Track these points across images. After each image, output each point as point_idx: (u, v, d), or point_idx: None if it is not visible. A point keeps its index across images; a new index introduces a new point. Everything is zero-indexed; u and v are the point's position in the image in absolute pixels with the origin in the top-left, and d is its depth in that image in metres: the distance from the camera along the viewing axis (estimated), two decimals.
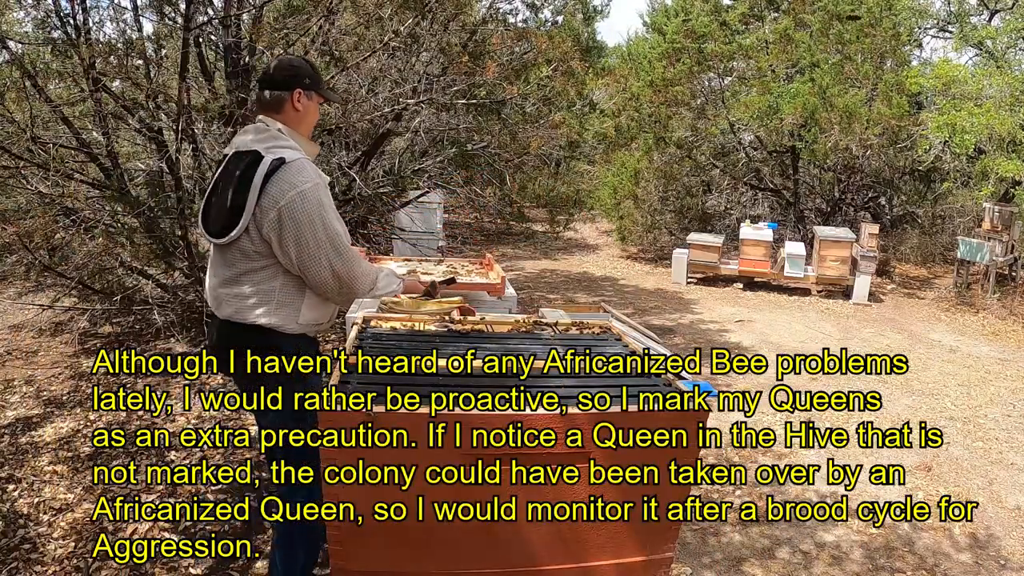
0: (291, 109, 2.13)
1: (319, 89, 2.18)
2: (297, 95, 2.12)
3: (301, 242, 1.97)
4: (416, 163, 6.37)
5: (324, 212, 1.99)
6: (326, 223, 1.99)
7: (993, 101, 7.51)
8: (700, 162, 10.65)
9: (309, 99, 2.15)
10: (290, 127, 2.12)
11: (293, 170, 1.98)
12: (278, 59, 2.22)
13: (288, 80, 2.12)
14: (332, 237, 2.00)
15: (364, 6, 4.50)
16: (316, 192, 1.98)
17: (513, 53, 5.68)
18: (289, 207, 1.94)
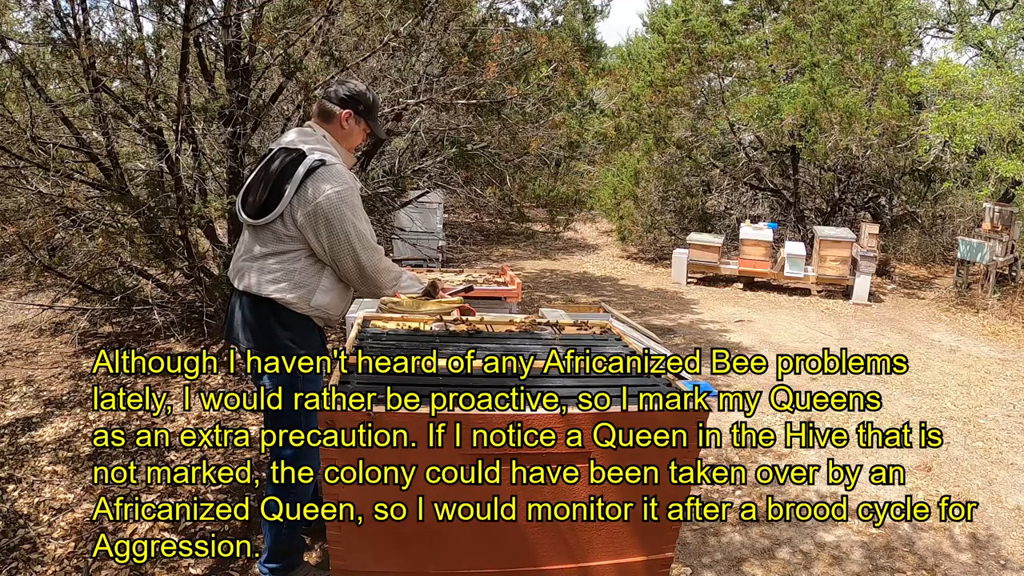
0: (338, 124, 2.39)
1: (368, 120, 2.44)
2: (347, 115, 2.38)
3: (332, 236, 2.22)
4: (416, 163, 6.37)
5: (354, 212, 2.25)
6: (355, 222, 2.24)
7: (993, 101, 7.51)
8: (700, 162, 10.65)
9: (357, 123, 2.41)
10: (333, 137, 2.38)
11: (331, 173, 2.23)
12: (348, 81, 2.48)
13: (344, 100, 2.39)
14: (359, 234, 2.25)
15: (364, 6, 4.50)
16: (349, 194, 2.24)
17: (513, 53, 5.67)
18: (325, 205, 2.19)
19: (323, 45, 4.43)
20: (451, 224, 11.94)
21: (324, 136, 2.36)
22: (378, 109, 2.49)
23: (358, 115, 2.40)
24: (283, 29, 4.25)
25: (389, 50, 4.74)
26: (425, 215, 8.25)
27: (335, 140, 2.39)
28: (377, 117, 2.49)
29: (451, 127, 6.03)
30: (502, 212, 9.79)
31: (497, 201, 8.80)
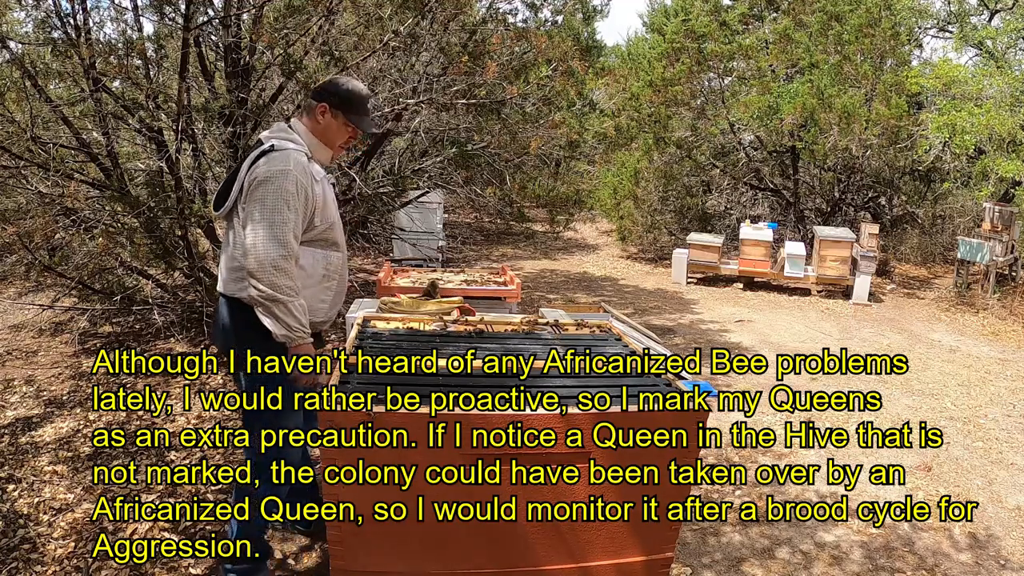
0: (315, 118, 2.33)
1: (347, 114, 2.33)
2: (321, 108, 2.31)
3: (250, 203, 2.13)
4: (416, 163, 6.37)
5: (281, 195, 2.12)
6: (276, 203, 2.11)
7: (993, 101, 7.51)
8: (700, 162, 10.66)
9: (334, 117, 2.32)
10: (311, 132, 2.33)
11: (277, 156, 2.16)
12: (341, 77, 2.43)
13: (319, 93, 2.34)
14: (275, 221, 2.11)
15: (364, 6, 4.50)
16: (282, 179, 2.12)
17: (513, 53, 5.67)
18: (259, 176, 2.13)
19: (323, 45, 4.43)
20: (451, 224, 11.94)
21: (291, 126, 2.32)
22: (360, 103, 2.35)
23: (334, 108, 2.31)
24: (283, 29, 4.25)
25: (389, 50, 4.74)
26: (425, 215, 8.25)
27: (312, 134, 2.33)
28: (360, 112, 2.36)
29: (451, 127, 6.03)
30: (502, 212, 9.78)
31: (497, 201, 8.80)
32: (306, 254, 2.27)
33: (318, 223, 2.28)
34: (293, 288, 2.14)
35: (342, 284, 2.44)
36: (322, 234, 2.30)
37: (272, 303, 2.12)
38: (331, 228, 2.35)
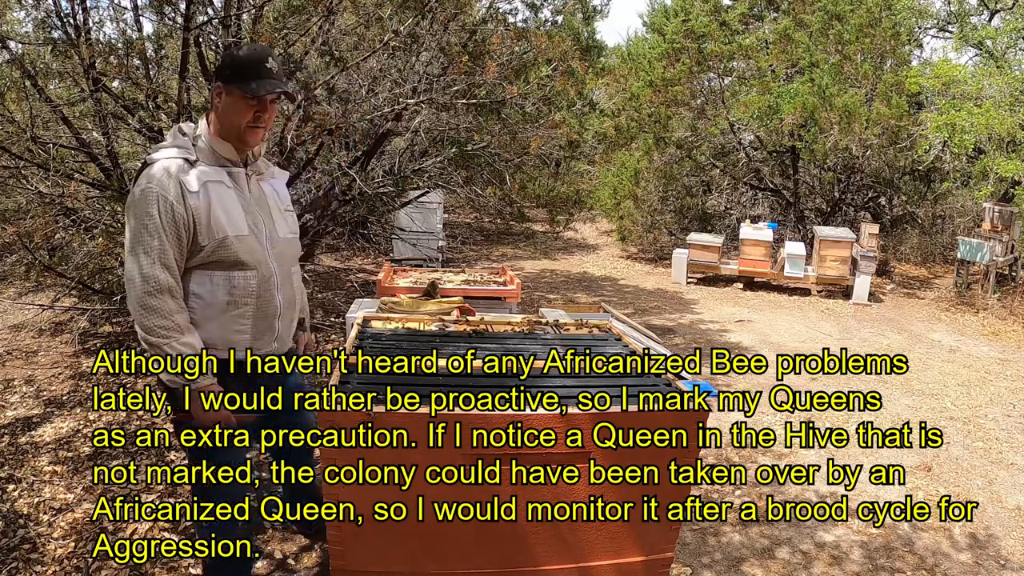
0: (215, 105, 2.01)
1: (239, 84, 1.94)
2: (217, 89, 2.00)
3: (127, 231, 1.94)
4: (416, 163, 6.37)
5: (141, 223, 1.87)
6: (138, 236, 1.88)
7: (993, 101, 7.51)
8: (700, 162, 10.66)
9: (229, 94, 1.97)
10: (211, 126, 2.02)
11: (143, 174, 1.94)
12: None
13: (215, 73, 2.01)
14: (137, 253, 1.88)
15: (364, 6, 4.50)
16: (143, 201, 1.88)
17: (513, 53, 5.67)
18: (126, 208, 1.96)
19: (323, 45, 4.43)
20: (451, 224, 11.94)
21: (181, 129, 2.03)
22: (251, 66, 1.95)
23: (227, 84, 1.95)
24: (283, 29, 4.25)
25: (389, 50, 4.73)
26: (425, 215, 8.25)
27: (214, 125, 2.01)
28: (253, 76, 1.94)
29: (451, 127, 6.02)
30: (502, 212, 9.79)
31: (497, 201, 8.80)
32: (200, 280, 1.98)
33: (204, 242, 1.94)
34: (168, 328, 1.91)
35: (266, 307, 2.09)
36: (215, 254, 1.97)
37: (148, 347, 1.93)
38: (226, 245, 1.97)
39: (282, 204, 2.23)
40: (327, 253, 8.90)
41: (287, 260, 2.18)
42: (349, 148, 5.65)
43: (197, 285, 1.99)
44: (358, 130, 5.18)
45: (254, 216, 2.07)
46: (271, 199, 2.18)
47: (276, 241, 2.13)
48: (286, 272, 2.16)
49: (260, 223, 2.08)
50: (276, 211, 2.17)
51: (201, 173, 1.95)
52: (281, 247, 2.15)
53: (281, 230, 2.17)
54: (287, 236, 2.20)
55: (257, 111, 1.98)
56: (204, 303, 1.99)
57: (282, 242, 2.16)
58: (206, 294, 1.99)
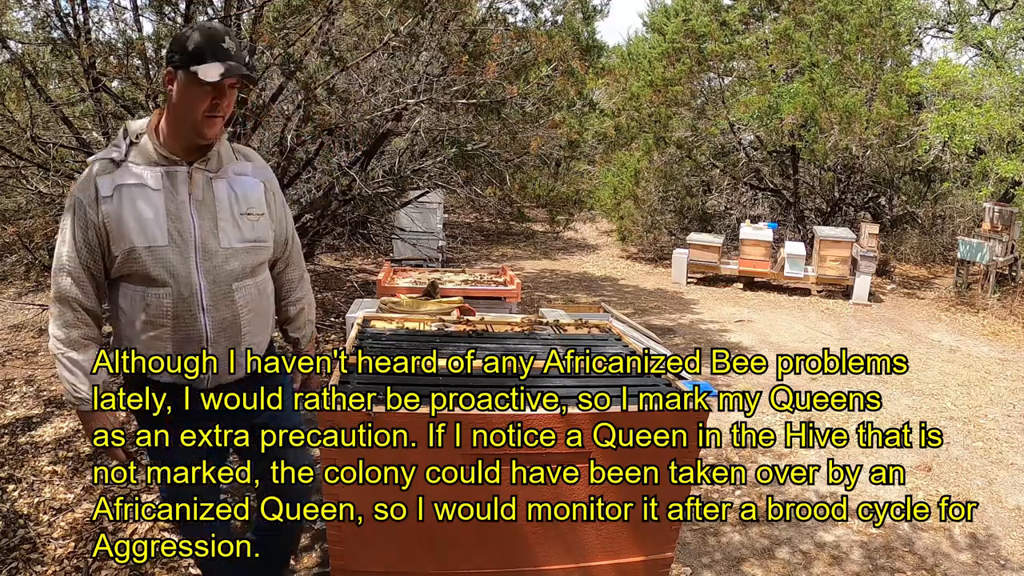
0: (168, 93, 1.77)
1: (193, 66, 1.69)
2: (167, 76, 1.76)
3: None
4: (416, 163, 6.37)
5: (62, 222, 1.79)
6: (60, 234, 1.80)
7: (993, 101, 7.51)
8: (700, 162, 10.66)
9: (181, 81, 1.72)
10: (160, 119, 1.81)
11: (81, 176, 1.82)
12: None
13: (165, 57, 1.76)
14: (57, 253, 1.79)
15: (364, 6, 4.50)
16: (68, 200, 1.79)
17: (513, 53, 5.67)
18: None
19: (323, 45, 4.43)
20: (451, 224, 11.94)
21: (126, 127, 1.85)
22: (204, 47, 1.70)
23: (178, 69, 1.71)
24: (283, 29, 4.25)
25: (389, 50, 4.73)
26: (425, 215, 8.25)
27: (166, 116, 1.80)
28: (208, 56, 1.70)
29: (451, 127, 6.02)
30: (502, 212, 9.79)
31: (497, 201, 8.80)
32: (124, 293, 1.82)
33: (115, 252, 1.75)
34: (60, 340, 1.81)
35: (186, 331, 1.86)
36: (125, 267, 1.77)
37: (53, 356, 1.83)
38: (133, 258, 1.75)
39: (240, 207, 1.89)
40: (327, 253, 8.90)
41: (228, 275, 1.85)
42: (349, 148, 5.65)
43: (122, 298, 1.83)
44: (358, 130, 5.18)
45: (182, 224, 1.79)
46: (223, 203, 1.86)
47: (212, 253, 1.82)
48: (223, 290, 1.85)
49: (189, 232, 1.80)
50: (226, 217, 1.86)
51: (121, 175, 1.76)
52: (219, 260, 1.83)
53: (226, 239, 1.85)
54: (235, 246, 1.86)
55: (214, 98, 1.73)
56: (127, 319, 1.85)
57: (222, 254, 1.84)
58: (128, 309, 1.83)
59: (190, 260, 1.80)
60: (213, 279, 1.83)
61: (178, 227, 1.79)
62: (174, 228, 1.78)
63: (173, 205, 1.78)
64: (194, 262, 1.80)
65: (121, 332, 1.90)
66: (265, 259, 1.97)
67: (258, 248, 1.92)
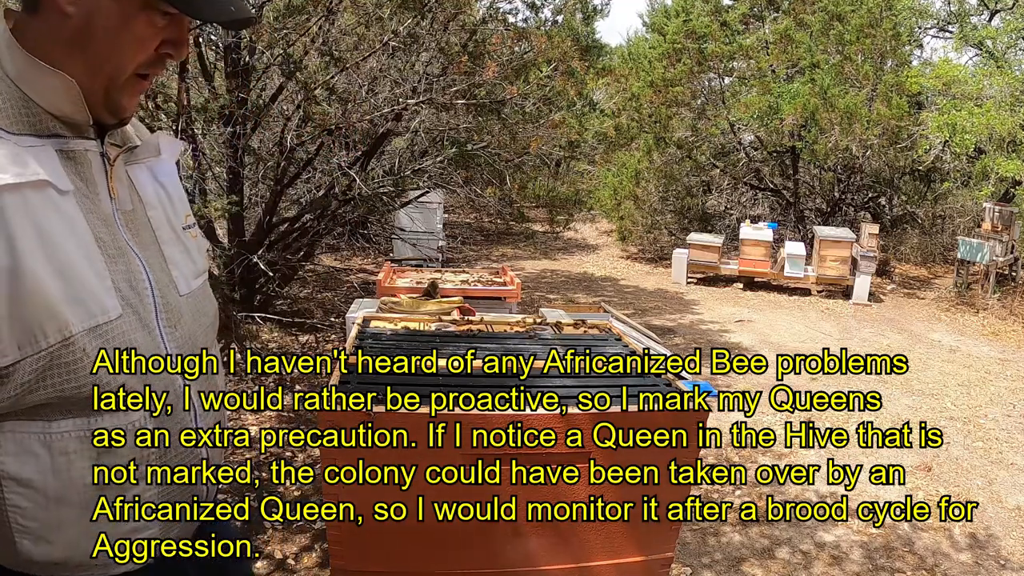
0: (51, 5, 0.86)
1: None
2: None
3: None
4: (416, 163, 6.37)
5: None
6: None
7: (993, 101, 7.51)
8: (700, 162, 10.66)
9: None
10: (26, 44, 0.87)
11: None
12: None
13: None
14: None
15: (364, 6, 4.50)
16: None
17: (513, 53, 5.68)
18: None
19: (323, 45, 4.43)
20: (451, 224, 11.94)
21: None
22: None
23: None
24: (283, 29, 4.25)
25: (389, 50, 4.74)
26: (425, 215, 8.26)
27: (24, 53, 0.87)
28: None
29: (451, 127, 6.03)
30: (502, 212, 9.79)
31: (497, 201, 8.80)
32: (22, 445, 0.90)
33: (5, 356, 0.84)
34: None
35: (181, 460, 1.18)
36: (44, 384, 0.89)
37: None
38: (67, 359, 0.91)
39: (178, 217, 1.10)
40: (327, 253, 8.91)
41: (199, 339, 1.13)
42: (349, 148, 5.65)
43: (10, 459, 0.89)
44: (358, 130, 5.19)
45: (128, 265, 0.97)
46: (156, 208, 1.06)
47: (175, 312, 1.05)
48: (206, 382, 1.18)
49: (141, 280, 0.99)
50: (167, 235, 1.06)
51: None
52: (187, 324, 1.08)
53: (182, 278, 1.07)
54: (192, 286, 1.10)
55: (168, 40, 0.93)
56: (40, 496, 0.93)
57: (186, 307, 1.08)
58: (38, 476, 0.92)
59: (155, 333, 1.03)
60: (191, 359, 1.09)
61: (125, 273, 0.95)
62: (120, 275, 0.94)
63: (102, 226, 0.93)
64: (160, 338, 1.04)
65: (17, 531, 0.92)
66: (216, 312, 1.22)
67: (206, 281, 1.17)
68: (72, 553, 1.01)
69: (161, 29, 0.91)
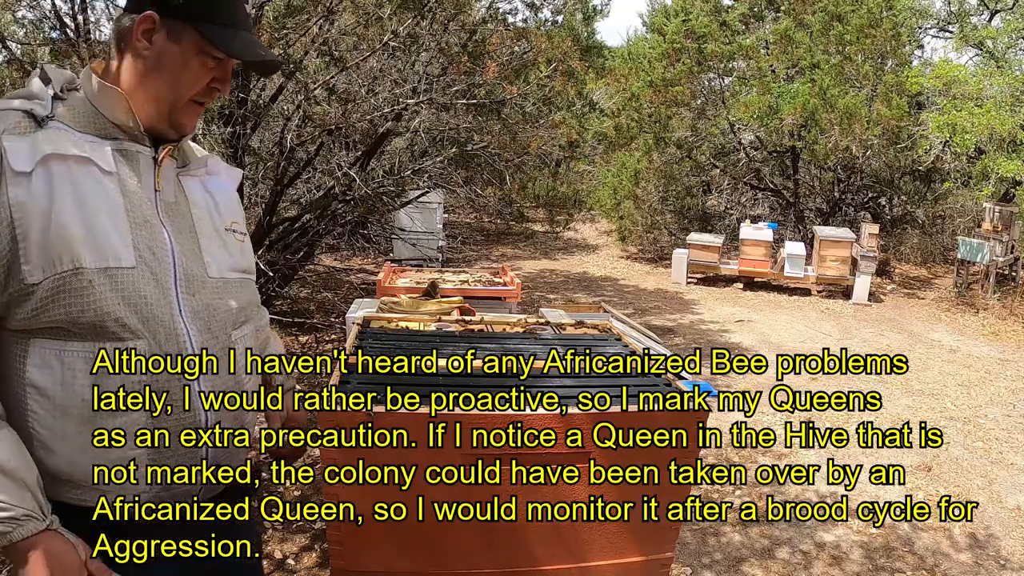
0: (132, 47, 1.12)
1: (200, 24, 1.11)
2: (146, 24, 1.10)
3: None
4: (416, 163, 6.38)
5: None
6: None
7: (993, 101, 7.51)
8: (700, 162, 10.66)
9: (177, 40, 1.11)
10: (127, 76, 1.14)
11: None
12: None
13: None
14: None
15: (364, 6, 4.50)
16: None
17: (513, 53, 5.68)
18: None
19: (323, 45, 4.43)
20: (451, 224, 11.95)
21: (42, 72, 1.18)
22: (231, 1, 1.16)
23: (171, 19, 1.10)
24: (283, 29, 4.25)
25: (389, 50, 4.74)
26: (425, 215, 8.26)
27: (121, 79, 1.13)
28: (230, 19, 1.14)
29: (451, 127, 6.03)
30: (502, 212, 9.80)
31: (497, 201, 8.81)
32: (42, 357, 1.09)
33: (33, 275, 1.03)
34: None
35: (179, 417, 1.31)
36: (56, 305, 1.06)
37: None
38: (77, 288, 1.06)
39: (223, 219, 1.29)
40: (327, 253, 8.91)
41: (224, 318, 1.26)
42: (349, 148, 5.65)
43: (35, 369, 1.09)
44: (358, 130, 5.19)
45: (152, 234, 1.14)
46: (201, 209, 1.25)
47: (199, 284, 1.20)
48: (221, 344, 1.27)
49: (165, 248, 1.15)
50: (208, 231, 1.24)
51: (50, 140, 1.06)
52: (208, 295, 1.22)
53: (215, 265, 1.23)
54: (226, 276, 1.26)
55: (216, 79, 1.17)
56: (51, 404, 1.10)
57: (212, 287, 1.22)
58: (52, 386, 1.09)
59: (169, 294, 1.15)
60: (206, 325, 1.22)
61: (147, 239, 1.12)
62: (142, 239, 1.11)
63: (132, 203, 1.12)
64: (175, 298, 1.17)
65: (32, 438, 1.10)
66: (257, 301, 1.39)
67: (249, 282, 1.34)
68: (73, 469, 1.17)
69: (211, 69, 1.16)
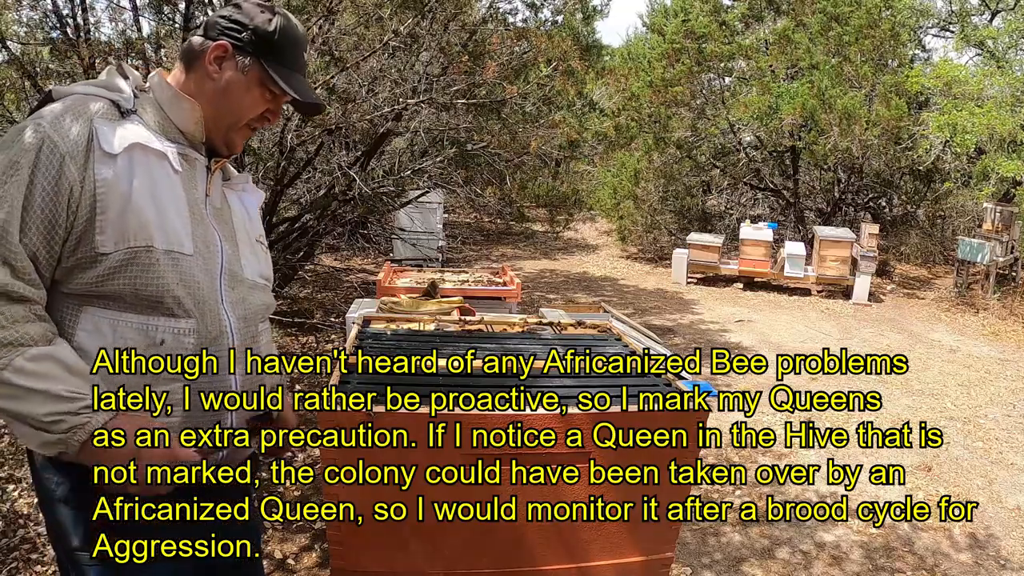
0: (204, 69, 1.29)
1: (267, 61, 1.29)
2: (219, 50, 1.28)
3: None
4: (416, 163, 6.38)
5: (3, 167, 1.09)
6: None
7: (994, 101, 7.51)
8: (700, 162, 10.67)
9: (242, 71, 1.29)
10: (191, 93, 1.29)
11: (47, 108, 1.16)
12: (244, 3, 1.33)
13: (218, 27, 1.29)
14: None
15: (364, 6, 4.50)
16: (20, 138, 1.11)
17: (513, 53, 5.68)
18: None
19: (323, 45, 4.43)
20: (451, 224, 11.95)
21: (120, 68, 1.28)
22: (297, 48, 1.35)
23: (241, 52, 1.28)
24: None
25: (389, 50, 4.74)
26: (425, 215, 8.26)
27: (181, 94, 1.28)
28: (293, 63, 1.34)
29: (451, 127, 6.03)
30: (502, 212, 9.80)
31: (497, 201, 8.81)
32: (94, 324, 1.23)
33: (106, 246, 1.15)
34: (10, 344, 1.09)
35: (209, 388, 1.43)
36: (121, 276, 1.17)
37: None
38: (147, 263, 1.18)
39: (254, 230, 1.47)
40: (327, 253, 8.91)
41: (256, 311, 1.41)
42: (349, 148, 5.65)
43: (84, 333, 1.22)
44: (358, 130, 5.19)
45: (206, 231, 1.29)
46: (239, 218, 1.42)
47: (238, 281, 1.35)
48: (251, 332, 1.40)
49: (215, 244, 1.30)
50: (244, 238, 1.41)
51: (135, 131, 1.19)
52: (244, 292, 1.37)
53: (249, 268, 1.39)
54: (256, 280, 1.42)
55: (270, 110, 1.36)
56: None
57: (247, 284, 1.38)
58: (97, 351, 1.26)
59: (215, 283, 1.29)
60: (243, 315, 1.35)
61: (203, 234, 1.28)
62: (199, 234, 1.27)
63: (194, 201, 1.28)
64: (222, 290, 1.31)
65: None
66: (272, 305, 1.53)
67: (268, 288, 1.48)
68: None
69: (268, 101, 1.35)
